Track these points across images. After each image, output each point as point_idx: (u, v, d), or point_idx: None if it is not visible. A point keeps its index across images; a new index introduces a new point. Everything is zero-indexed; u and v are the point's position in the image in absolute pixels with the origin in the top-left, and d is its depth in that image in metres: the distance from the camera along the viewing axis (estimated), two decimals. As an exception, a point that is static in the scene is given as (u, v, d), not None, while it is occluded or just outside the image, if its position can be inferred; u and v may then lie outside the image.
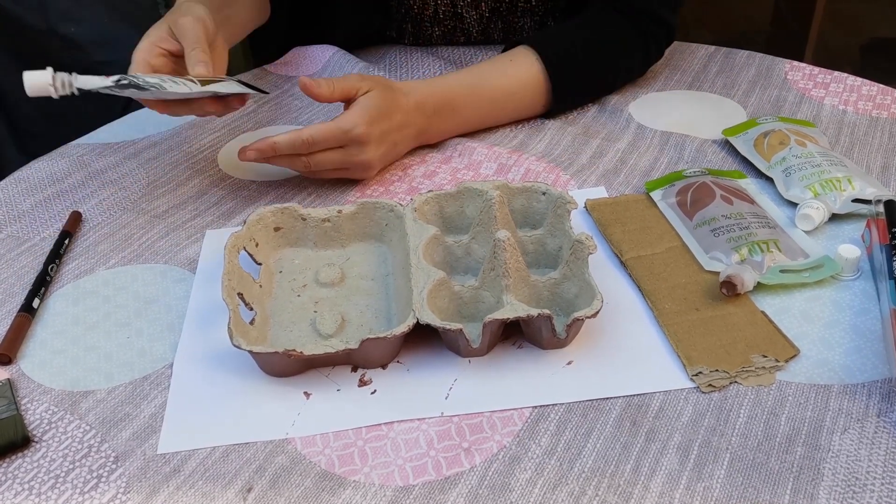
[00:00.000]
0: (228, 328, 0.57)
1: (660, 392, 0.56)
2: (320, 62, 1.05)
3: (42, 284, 0.68)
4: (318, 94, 0.75)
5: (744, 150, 0.79)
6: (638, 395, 0.56)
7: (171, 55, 0.74)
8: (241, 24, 0.92)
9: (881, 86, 0.91)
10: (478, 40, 1.03)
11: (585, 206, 0.74)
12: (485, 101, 0.85)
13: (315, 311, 0.64)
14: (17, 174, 0.86)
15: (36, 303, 0.66)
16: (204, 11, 0.76)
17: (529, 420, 0.55)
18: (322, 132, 0.74)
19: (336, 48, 1.02)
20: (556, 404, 0.56)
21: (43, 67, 0.67)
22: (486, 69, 0.86)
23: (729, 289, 0.62)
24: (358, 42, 1.04)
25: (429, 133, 0.84)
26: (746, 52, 1.01)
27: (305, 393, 0.58)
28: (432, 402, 0.56)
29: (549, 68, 0.85)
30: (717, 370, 0.57)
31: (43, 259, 0.71)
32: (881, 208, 0.66)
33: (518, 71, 0.85)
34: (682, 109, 0.90)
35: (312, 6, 1.03)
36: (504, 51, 0.89)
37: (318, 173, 0.78)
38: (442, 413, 0.56)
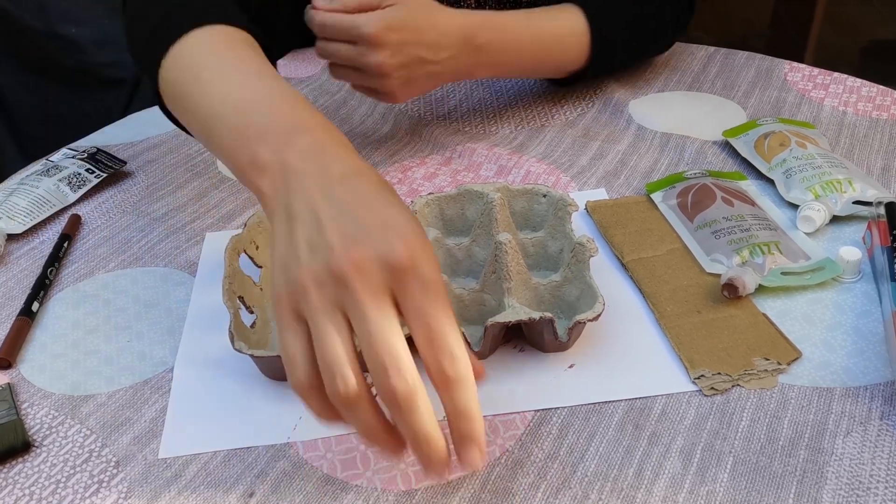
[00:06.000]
0: (229, 332, 0.57)
1: (662, 395, 0.56)
2: (319, 63, 1.05)
3: (41, 288, 0.68)
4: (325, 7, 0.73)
5: (744, 151, 0.79)
6: (640, 398, 0.56)
7: None
8: None
9: (881, 87, 0.91)
10: None
11: (586, 208, 0.74)
12: (535, 43, 0.83)
13: (316, 315, 0.63)
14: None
15: (35, 306, 0.66)
16: None
17: (532, 424, 0.55)
18: (333, 17, 0.73)
19: None
20: (558, 408, 0.56)
21: (43, 68, 0.66)
22: (535, 12, 0.83)
23: (730, 291, 0.62)
24: None
25: (472, 70, 0.81)
26: (746, 53, 1.01)
27: (307, 397, 0.57)
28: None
29: (592, 23, 0.84)
30: (719, 373, 0.57)
31: (42, 262, 0.71)
32: (882, 210, 0.66)
33: (566, 19, 0.84)
34: (682, 111, 0.90)
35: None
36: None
37: (337, 71, 0.77)
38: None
